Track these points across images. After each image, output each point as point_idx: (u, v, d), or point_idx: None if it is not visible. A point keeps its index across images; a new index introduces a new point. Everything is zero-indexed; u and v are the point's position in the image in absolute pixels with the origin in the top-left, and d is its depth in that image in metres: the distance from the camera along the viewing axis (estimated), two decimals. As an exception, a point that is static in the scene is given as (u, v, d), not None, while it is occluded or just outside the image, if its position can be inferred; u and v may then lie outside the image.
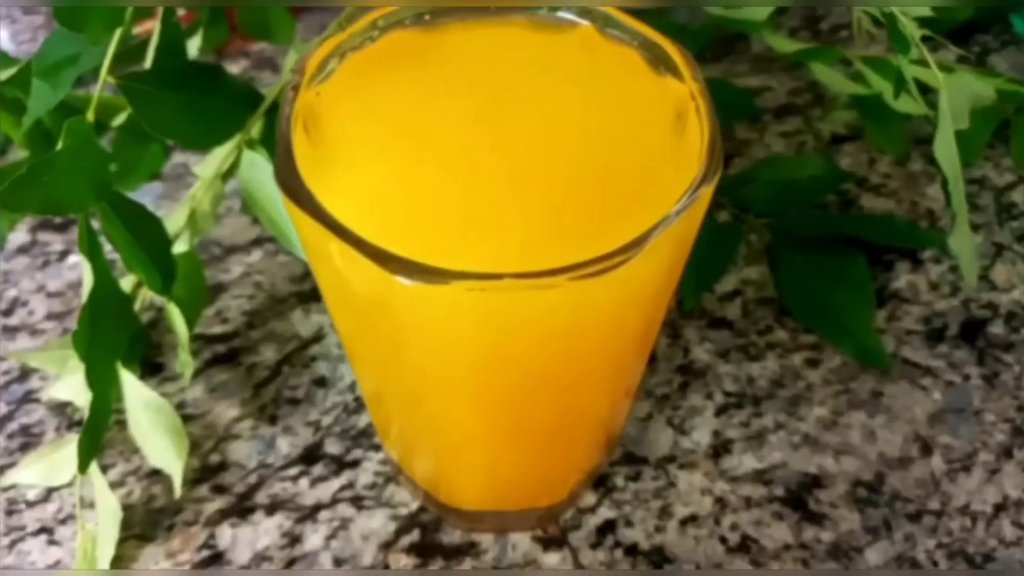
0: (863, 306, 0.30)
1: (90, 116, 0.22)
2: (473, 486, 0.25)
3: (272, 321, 0.30)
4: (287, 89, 0.18)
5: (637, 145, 0.18)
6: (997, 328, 0.30)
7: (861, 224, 0.32)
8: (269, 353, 0.30)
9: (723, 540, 0.26)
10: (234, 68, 0.38)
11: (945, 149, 0.25)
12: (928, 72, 0.25)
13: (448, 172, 0.18)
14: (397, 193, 0.17)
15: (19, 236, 0.32)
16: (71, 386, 0.27)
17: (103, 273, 0.22)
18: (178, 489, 0.25)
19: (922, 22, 0.26)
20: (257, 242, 0.32)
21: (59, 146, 0.21)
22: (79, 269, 0.32)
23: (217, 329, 0.30)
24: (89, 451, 0.23)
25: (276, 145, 0.17)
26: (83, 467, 0.23)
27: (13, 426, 0.28)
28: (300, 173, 0.16)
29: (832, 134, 0.36)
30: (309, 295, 0.31)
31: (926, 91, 0.27)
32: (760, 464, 0.27)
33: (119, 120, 0.26)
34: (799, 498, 0.27)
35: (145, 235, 0.24)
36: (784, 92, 0.37)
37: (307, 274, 0.32)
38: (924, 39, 0.26)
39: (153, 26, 0.25)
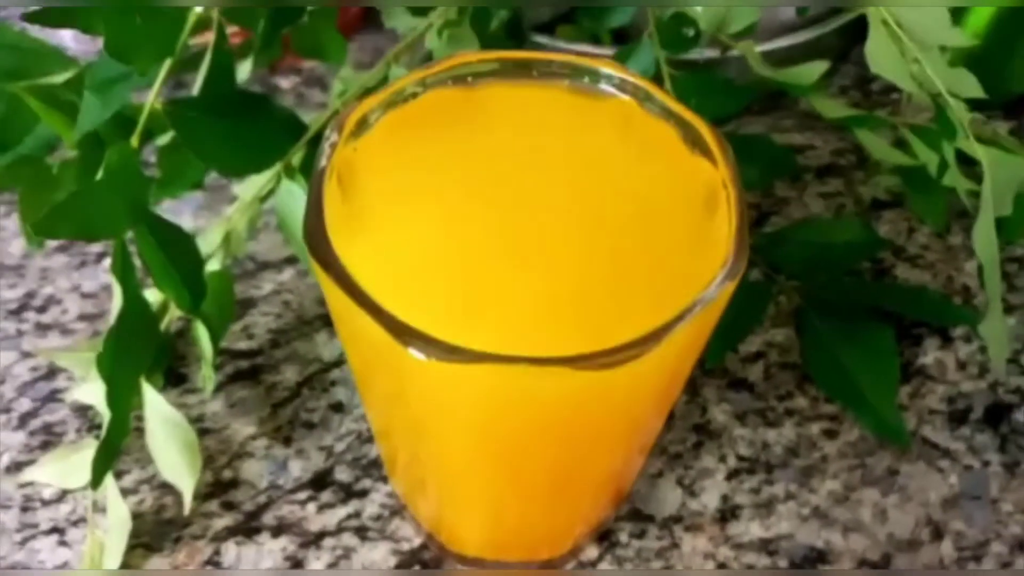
0: (887, 381, 0.30)
1: (134, 142, 0.23)
2: (474, 534, 0.25)
3: (296, 341, 0.31)
4: (324, 143, 0.18)
5: (665, 226, 0.18)
6: (1023, 415, 0.30)
7: (893, 295, 0.32)
8: (290, 374, 0.30)
9: (722, 608, 0.26)
10: (285, 83, 0.39)
11: (984, 234, 0.25)
12: (975, 148, 0.25)
13: (474, 240, 0.18)
14: (421, 255, 0.18)
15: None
16: (95, 391, 0.27)
17: (134, 297, 0.23)
18: (188, 506, 0.25)
19: (974, 105, 0.26)
20: (289, 261, 0.33)
21: (100, 173, 0.21)
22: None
23: (242, 345, 0.31)
24: (103, 467, 0.23)
25: (308, 200, 0.17)
26: (96, 482, 0.23)
27: (36, 423, 0.29)
28: (327, 232, 0.16)
29: (873, 199, 0.35)
30: (335, 318, 0.31)
31: (970, 163, 0.27)
32: (766, 533, 0.27)
33: (164, 139, 0.27)
34: (803, 571, 0.26)
35: (178, 255, 0.24)
36: (828, 152, 0.37)
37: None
38: (974, 108, 0.26)
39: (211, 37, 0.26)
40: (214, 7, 0.24)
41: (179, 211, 0.34)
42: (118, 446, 0.24)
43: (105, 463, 0.23)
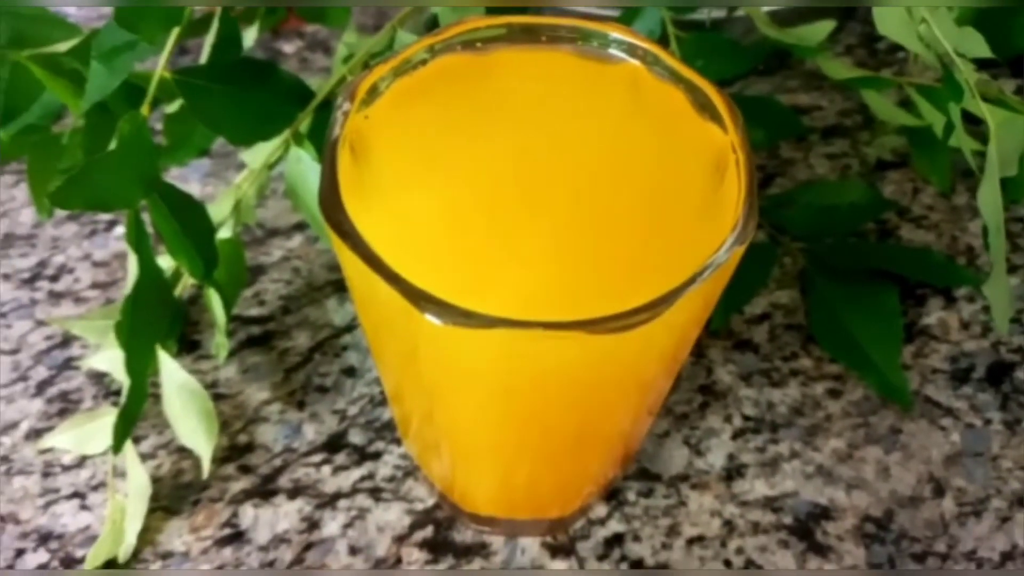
0: (891, 342, 0.30)
1: (144, 111, 0.23)
2: (486, 493, 0.25)
3: (307, 307, 0.31)
4: (336, 112, 0.18)
5: (674, 190, 0.18)
6: (1025, 374, 0.30)
7: (897, 257, 0.32)
8: (302, 339, 0.30)
9: (727, 563, 0.26)
10: (288, 48, 0.38)
11: (989, 197, 0.25)
12: (981, 109, 0.25)
13: (485, 204, 0.18)
14: (434, 221, 0.18)
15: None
16: (111, 359, 0.28)
17: (149, 265, 0.23)
18: (206, 470, 0.26)
19: (980, 62, 0.26)
20: (299, 227, 0.33)
21: (113, 144, 0.21)
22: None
23: (254, 311, 0.31)
24: (124, 433, 0.24)
25: (322, 169, 0.17)
26: (117, 447, 0.24)
27: (53, 391, 0.29)
28: (343, 202, 0.17)
29: (878, 159, 0.35)
30: (345, 285, 0.32)
31: (976, 122, 0.27)
32: (771, 491, 0.28)
33: (172, 108, 0.27)
34: (807, 528, 0.27)
35: (190, 224, 0.24)
36: (834, 112, 0.37)
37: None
38: (981, 67, 0.26)
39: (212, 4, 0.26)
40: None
41: (186, 178, 0.34)
42: (137, 411, 0.24)
43: (125, 428, 0.24)
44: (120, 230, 0.33)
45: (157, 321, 0.24)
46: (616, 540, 0.27)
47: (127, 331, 0.23)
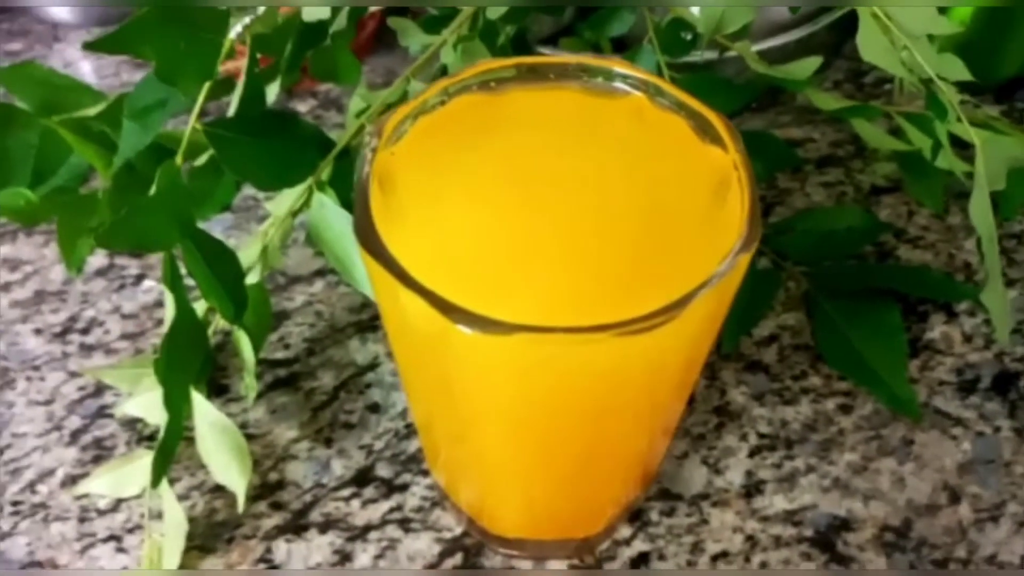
0: (896, 356, 0.31)
1: (179, 160, 0.24)
2: (513, 515, 0.26)
3: (331, 348, 0.32)
4: (366, 150, 0.19)
5: (682, 210, 0.19)
6: (1029, 382, 0.31)
7: (897, 275, 0.33)
8: (327, 379, 0.31)
9: (753, 578, 0.27)
10: (302, 107, 0.40)
11: (980, 209, 0.26)
12: (967, 130, 0.27)
13: (504, 228, 0.19)
14: (458, 246, 0.19)
15: (98, 259, 0.35)
16: (143, 404, 0.29)
17: (184, 306, 0.24)
18: (241, 505, 0.27)
19: (963, 85, 0.28)
20: (319, 273, 0.34)
21: (152, 190, 0.23)
22: (153, 292, 0.34)
23: (279, 355, 0.32)
24: (162, 467, 0.25)
25: (355, 200, 0.18)
26: (156, 482, 0.25)
27: (87, 438, 0.30)
28: (376, 227, 0.18)
29: (872, 185, 0.37)
30: (366, 325, 0.33)
31: (966, 147, 0.28)
32: (791, 505, 0.28)
33: (202, 160, 0.28)
34: (828, 540, 0.28)
35: (222, 268, 0.26)
36: (826, 143, 0.38)
37: (365, 305, 0.33)
38: (965, 92, 0.27)
39: (234, 65, 0.27)
40: (247, 34, 0.25)
41: (211, 231, 0.35)
42: (174, 446, 0.25)
43: (163, 463, 0.25)
44: (148, 283, 0.34)
45: (192, 358, 0.25)
46: (642, 559, 0.27)
47: (164, 367, 0.24)
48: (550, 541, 0.27)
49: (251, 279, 0.29)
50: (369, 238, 0.18)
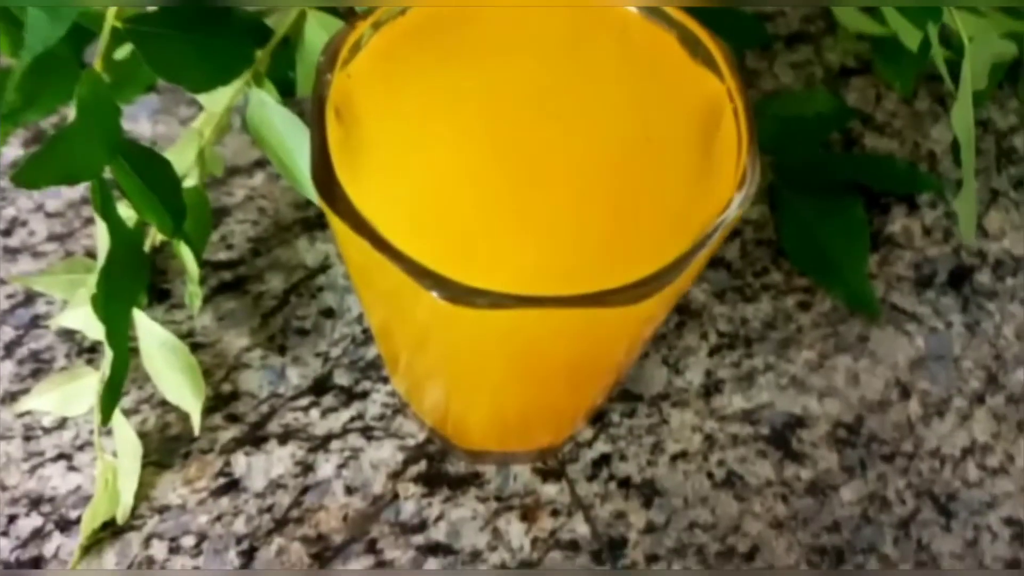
0: (858, 254, 0.31)
1: (98, 65, 0.22)
2: (479, 428, 0.26)
3: (277, 249, 0.31)
4: (320, 75, 0.17)
5: (669, 143, 0.18)
6: (984, 277, 0.31)
7: (863, 167, 0.33)
8: (276, 282, 0.30)
9: (710, 475, 0.28)
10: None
11: (962, 115, 0.25)
12: (958, 23, 0.25)
13: (475, 163, 0.18)
14: (426, 189, 0.17)
15: (12, 151, 0.32)
16: (81, 317, 0.27)
17: (120, 232, 0.22)
18: (197, 427, 0.26)
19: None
20: (260, 164, 0.32)
21: (73, 115, 0.20)
22: (79, 188, 0.31)
23: (222, 255, 0.30)
24: (111, 405, 0.23)
25: (312, 143, 0.16)
26: (105, 419, 0.24)
27: (23, 351, 0.28)
28: (338, 178, 0.16)
29: (842, 66, 0.35)
30: (314, 222, 0.31)
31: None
32: (748, 404, 0.29)
33: (123, 53, 0.25)
34: (783, 437, 0.28)
35: (156, 181, 0.23)
36: (797, 18, 0.36)
37: (311, 201, 0.31)
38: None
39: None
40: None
41: (135, 117, 0.33)
42: (122, 382, 0.24)
43: (112, 400, 0.23)
44: (71, 176, 0.31)
45: (132, 287, 0.24)
46: (604, 460, 0.28)
47: (104, 302, 0.22)
48: (515, 451, 0.27)
49: (188, 182, 0.27)
50: (330, 191, 0.16)
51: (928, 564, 0.26)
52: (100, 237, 0.22)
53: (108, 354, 0.23)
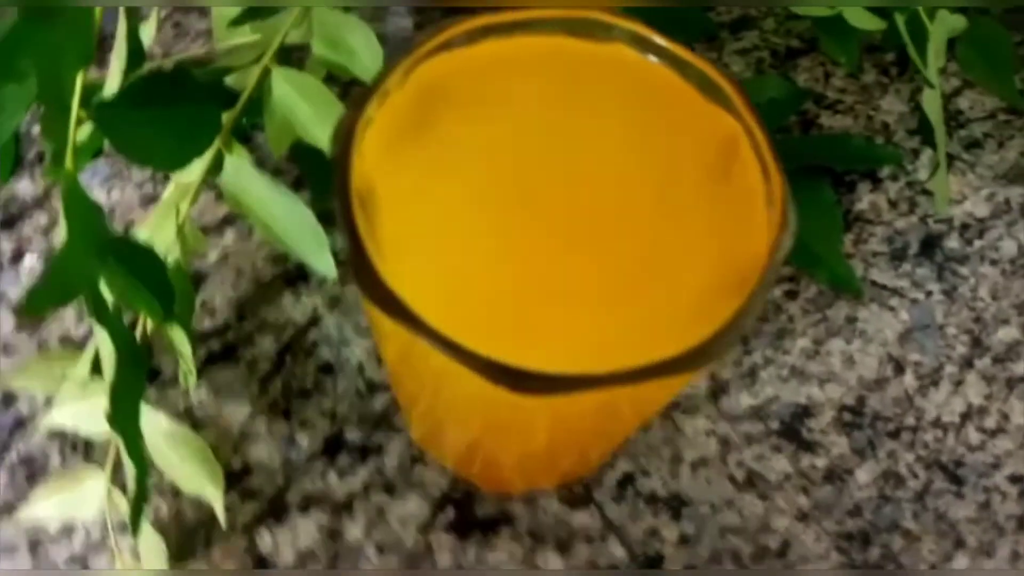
0: (833, 234, 0.31)
1: (69, 163, 0.20)
2: (508, 471, 0.26)
3: (262, 308, 0.30)
4: (339, 166, 0.16)
5: (693, 191, 0.18)
6: (953, 242, 0.32)
7: (824, 148, 0.33)
8: (267, 344, 0.29)
9: (731, 478, 0.28)
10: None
11: (931, 99, 0.26)
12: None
13: (499, 232, 0.17)
14: (452, 263, 0.17)
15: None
16: (72, 414, 0.25)
17: (122, 337, 0.21)
18: (223, 517, 0.25)
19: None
20: (227, 221, 0.31)
21: (63, 235, 0.19)
22: (39, 271, 0.29)
23: (207, 324, 0.29)
24: (138, 517, 0.22)
25: (344, 235, 0.16)
26: (136, 531, 0.22)
27: (12, 457, 0.27)
28: (375, 268, 0.16)
29: (788, 48, 0.36)
30: (294, 275, 0.30)
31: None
32: (755, 401, 0.29)
33: (83, 135, 0.24)
34: (793, 429, 0.29)
35: (143, 271, 0.22)
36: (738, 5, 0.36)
37: (287, 254, 0.30)
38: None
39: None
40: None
41: (87, 186, 0.31)
42: (146, 492, 0.22)
43: (139, 513, 0.22)
44: (30, 260, 0.30)
45: (137, 386, 0.22)
46: (628, 479, 0.28)
47: (119, 417, 0.21)
48: (543, 489, 0.27)
49: (168, 260, 0.26)
50: (370, 283, 0.15)
51: (948, 533, 0.28)
52: (102, 346, 0.21)
53: (131, 469, 0.22)
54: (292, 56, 0.27)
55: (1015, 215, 0.33)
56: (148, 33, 0.26)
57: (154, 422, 0.24)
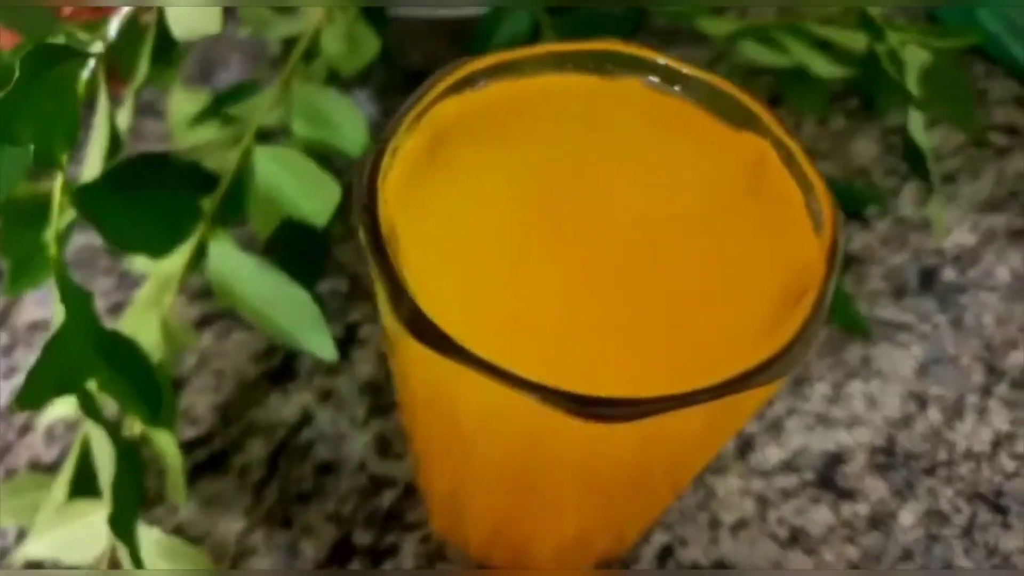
0: (834, 276, 0.31)
1: (52, 249, 0.18)
2: (542, 553, 0.23)
3: (249, 411, 0.27)
4: (366, 213, 0.15)
5: (726, 212, 0.17)
6: (949, 273, 0.32)
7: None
8: (257, 448, 0.27)
9: (774, 536, 0.26)
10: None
11: (918, 130, 0.26)
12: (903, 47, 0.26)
13: (529, 266, 0.16)
14: (483, 302, 0.16)
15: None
16: (51, 544, 0.23)
17: (122, 444, 0.19)
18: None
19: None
20: (204, 322, 0.29)
21: (58, 327, 0.17)
22: (2, 392, 0.27)
23: (191, 432, 0.27)
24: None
25: (387, 285, 0.14)
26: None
27: (-22, 604, 0.24)
28: (420, 307, 0.14)
29: (754, 103, 0.36)
30: (280, 372, 0.28)
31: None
32: (785, 453, 0.28)
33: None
34: (828, 478, 0.27)
35: (134, 373, 0.20)
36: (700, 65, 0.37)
37: (270, 350, 0.28)
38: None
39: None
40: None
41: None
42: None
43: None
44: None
45: (135, 495, 0.20)
46: (666, 552, 0.26)
47: (126, 528, 0.18)
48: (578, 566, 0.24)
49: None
50: (421, 326, 0.14)
51: (1002, 567, 0.26)
52: (97, 450, 0.19)
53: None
54: (269, 140, 0.26)
55: (1002, 241, 0.33)
56: (124, 120, 0.25)
57: (147, 537, 0.22)
